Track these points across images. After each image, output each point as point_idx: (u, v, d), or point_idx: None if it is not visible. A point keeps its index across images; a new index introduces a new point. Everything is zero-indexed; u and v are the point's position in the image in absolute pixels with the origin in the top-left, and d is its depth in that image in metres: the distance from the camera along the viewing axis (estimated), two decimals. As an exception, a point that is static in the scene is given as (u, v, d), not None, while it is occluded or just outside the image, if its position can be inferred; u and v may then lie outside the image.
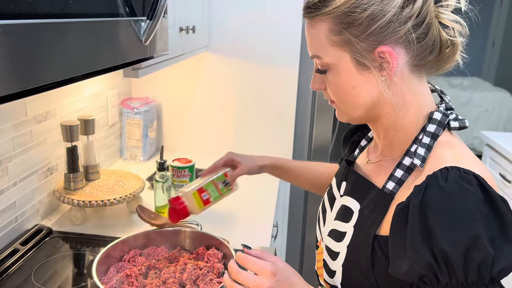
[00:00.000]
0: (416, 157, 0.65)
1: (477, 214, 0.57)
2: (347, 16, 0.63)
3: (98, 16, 0.70)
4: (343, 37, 0.65)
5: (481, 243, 0.56)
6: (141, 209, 1.08)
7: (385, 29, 0.62)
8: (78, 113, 1.43)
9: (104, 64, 0.75)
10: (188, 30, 1.39)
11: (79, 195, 1.26)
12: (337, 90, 0.70)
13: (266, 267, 0.66)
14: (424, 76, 0.68)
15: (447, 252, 0.56)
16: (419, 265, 0.58)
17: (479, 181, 0.58)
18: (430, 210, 0.58)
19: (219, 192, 1.05)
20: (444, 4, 0.64)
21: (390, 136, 0.71)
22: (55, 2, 0.58)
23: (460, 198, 0.57)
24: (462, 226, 0.56)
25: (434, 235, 0.57)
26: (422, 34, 0.63)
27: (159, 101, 1.92)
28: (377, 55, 0.64)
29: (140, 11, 0.86)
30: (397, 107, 0.67)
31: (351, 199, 0.74)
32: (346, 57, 0.66)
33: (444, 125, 0.66)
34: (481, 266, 0.56)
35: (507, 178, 2.18)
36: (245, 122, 1.91)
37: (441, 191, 0.58)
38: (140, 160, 1.81)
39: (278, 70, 1.84)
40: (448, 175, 0.59)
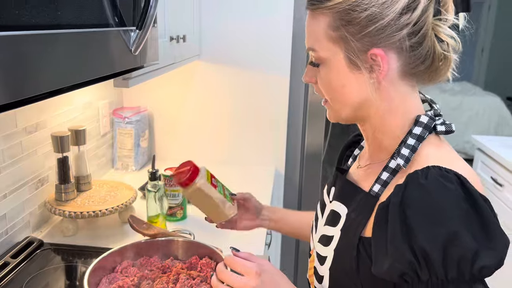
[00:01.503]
0: (400, 157, 0.65)
1: (456, 211, 0.57)
2: (346, 14, 0.64)
3: (87, 26, 0.70)
4: (339, 34, 0.65)
5: (459, 239, 0.56)
6: (133, 219, 1.07)
7: (381, 32, 0.63)
8: (69, 124, 1.42)
9: (94, 75, 0.75)
10: (179, 39, 1.39)
11: (70, 206, 1.24)
12: (328, 86, 0.70)
13: (251, 268, 0.68)
14: (416, 85, 0.69)
15: (426, 249, 0.56)
16: (400, 263, 0.58)
17: (459, 179, 0.59)
18: (410, 207, 0.59)
19: (223, 193, 0.97)
20: (443, 18, 0.65)
21: (378, 139, 0.72)
22: (43, 14, 0.57)
23: (439, 195, 0.58)
24: (440, 223, 0.57)
25: (413, 233, 0.58)
26: (416, 43, 0.64)
27: (150, 110, 1.92)
28: (369, 56, 0.65)
29: (130, 21, 0.86)
30: (384, 110, 0.68)
31: (339, 203, 0.75)
32: (339, 54, 0.67)
33: (430, 128, 0.67)
34: (461, 262, 0.56)
35: (499, 182, 2.19)
36: (237, 130, 1.91)
37: (420, 189, 0.59)
38: (132, 170, 1.80)
39: (269, 78, 1.84)
40: (429, 173, 0.60)
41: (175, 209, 1.37)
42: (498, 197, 2.20)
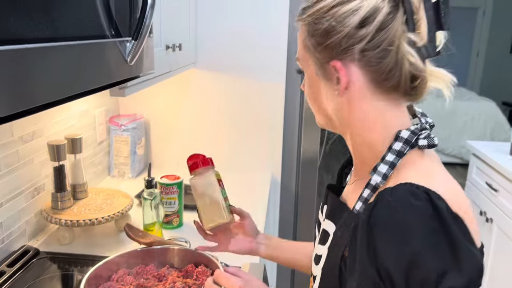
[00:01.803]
0: (377, 174, 0.64)
1: (421, 230, 0.55)
2: (312, 26, 0.66)
3: (83, 38, 0.71)
4: (309, 44, 0.68)
5: (422, 260, 0.54)
6: (129, 227, 1.08)
7: (339, 45, 0.64)
8: (66, 132, 1.42)
9: (90, 86, 0.76)
10: (175, 47, 1.40)
11: (66, 215, 1.25)
12: (308, 93, 0.73)
13: (235, 282, 0.74)
14: (399, 100, 0.67)
15: (390, 270, 0.55)
16: (366, 283, 0.58)
17: (429, 196, 0.56)
18: (376, 226, 0.58)
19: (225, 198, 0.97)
20: (410, 37, 0.62)
21: (359, 153, 0.71)
22: (39, 27, 0.58)
23: (405, 213, 0.56)
24: (404, 243, 0.55)
25: (378, 252, 0.57)
26: (377, 58, 0.63)
27: (147, 117, 1.93)
28: (332, 68, 0.66)
29: (126, 31, 0.87)
30: (359, 124, 0.68)
31: (329, 221, 0.74)
32: (311, 63, 0.69)
33: (411, 143, 0.64)
34: (424, 284, 0.54)
35: (494, 187, 2.21)
36: (234, 137, 1.92)
37: (387, 207, 0.57)
38: (128, 177, 1.80)
39: (265, 85, 1.86)
40: (397, 191, 0.58)
41: (171, 216, 1.37)
42: (493, 203, 2.21)
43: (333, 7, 0.63)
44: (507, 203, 2.08)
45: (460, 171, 4.83)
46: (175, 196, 1.36)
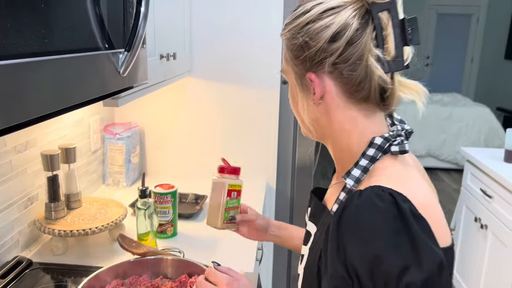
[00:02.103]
0: (350, 178, 0.68)
1: (384, 230, 0.59)
2: (290, 41, 0.71)
3: (75, 51, 0.71)
4: (288, 57, 0.73)
5: (385, 258, 0.57)
6: (122, 238, 1.07)
7: (313, 59, 0.68)
8: (60, 141, 1.42)
9: (83, 98, 0.76)
10: (169, 57, 1.41)
11: (60, 225, 1.24)
12: (291, 102, 0.78)
13: (223, 279, 0.77)
14: (375, 110, 0.71)
15: (356, 266, 0.59)
16: (335, 278, 0.61)
17: (394, 198, 0.60)
18: (344, 226, 0.61)
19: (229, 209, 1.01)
20: (377, 53, 0.66)
21: (339, 158, 0.75)
22: (32, 41, 0.59)
23: (370, 214, 0.60)
24: (369, 242, 0.59)
25: (345, 251, 0.60)
26: (348, 71, 0.67)
27: (142, 126, 1.93)
28: (307, 80, 0.70)
29: (119, 42, 0.87)
30: (337, 131, 0.72)
31: (311, 223, 0.78)
32: (292, 74, 0.74)
33: (384, 149, 0.68)
34: (387, 279, 0.57)
35: (488, 193, 2.22)
36: (229, 144, 1.92)
37: (354, 209, 0.61)
38: (123, 186, 1.80)
39: (260, 92, 1.86)
40: (364, 193, 0.61)
41: (165, 226, 1.37)
42: (488, 209, 2.22)
43: (307, 24, 0.68)
44: (502, 210, 2.09)
45: (455, 177, 4.85)
46: (169, 206, 1.36)
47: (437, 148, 4.88)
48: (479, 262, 2.30)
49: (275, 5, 1.77)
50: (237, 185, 1.01)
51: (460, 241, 2.57)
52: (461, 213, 2.56)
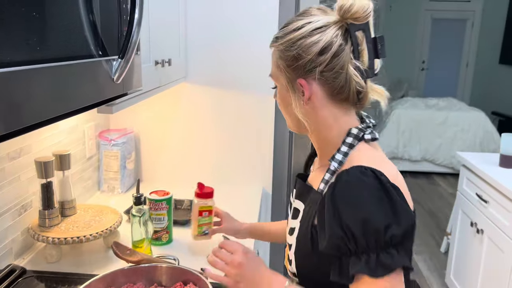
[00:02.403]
0: (334, 161, 0.85)
1: (370, 198, 0.76)
2: (283, 52, 0.86)
3: (68, 59, 0.71)
4: (281, 63, 0.87)
5: (373, 218, 0.74)
6: (116, 245, 1.07)
7: (304, 68, 0.84)
8: (54, 148, 1.41)
9: (77, 105, 0.76)
10: (164, 63, 1.40)
11: (54, 232, 1.23)
12: (280, 104, 0.93)
13: (238, 248, 0.91)
14: (350, 108, 0.88)
15: (350, 226, 0.75)
16: (334, 238, 0.77)
17: (374, 174, 0.77)
18: (337, 198, 0.78)
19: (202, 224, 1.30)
20: (355, 63, 0.83)
21: (322, 147, 0.92)
22: (26, 49, 0.58)
23: (358, 187, 0.77)
24: (359, 207, 0.76)
25: (341, 215, 0.76)
26: (332, 77, 0.83)
27: (137, 131, 1.92)
28: (298, 84, 0.85)
29: (113, 49, 0.87)
30: (322, 126, 0.88)
31: (298, 201, 0.95)
32: (283, 80, 0.89)
33: (360, 137, 0.86)
34: (376, 234, 0.74)
35: (484, 198, 2.22)
36: (225, 150, 1.92)
37: (344, 183, 0.78)
38: (118, 192, 1.79)
39: (255, 98, 1.86)
40: (351, 171, 0.79)
41: (160, 233, 1.36)
42: (484, 214, 2.22)
43: (300, 39, 0.83)
44: (498, 215, 2.09)
45: (451, 181, 4.86)
46: (164, 212, 1.35)
47: (433, 152, 4.90)
48: (475, 267, 2.30)
49: (271, 12, 1.78)
50: (208, 206, 1.28)
51: (456, 246, 2.57)
52: (457, 218, 2.56)
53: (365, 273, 0.75)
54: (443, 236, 3.46)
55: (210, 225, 1.29)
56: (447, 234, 3.27)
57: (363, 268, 0.75)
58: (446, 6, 7.54)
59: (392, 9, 7.66)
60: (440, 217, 3.97)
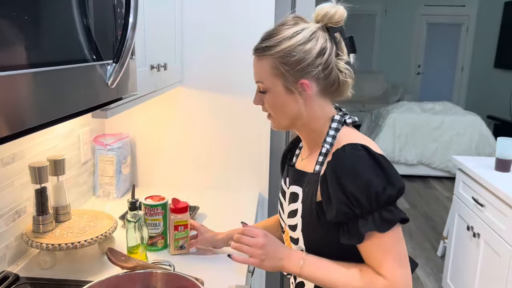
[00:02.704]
0: (326, 143, 1.00)
1: (366, 167, 0.90)
2: (283, 58, 0.96)
3: (62, 63, 0.70)
4: (280, 71, 0.97)
5: (371, 183, 0.89)
6: (111, 251, 1.06)
7: (305, 70, 0.96)
8: (49, 153, 1.40)
9: (71, 110, 0.75)
10: (159, 67, 1.40)
11: (48, 238, 1.22)
12: (273, 106, 1.02)
13: (259, 232, 1.02)
14: (329, 99, 1.03)
15: (354, 193, 0.89)
16: (341, 206, 0.90)
17: (364, 148, 0.93)
18: (338, 171, 0.92)
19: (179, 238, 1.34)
20: (340, 58, 0.99)
21: (311, 137, 1.05)
22: (19, 54, 0.57)
23: (354, 160, 0.92)
24: (358, 176, 0.90)
25: (344, 186, 0.90)
26: (327, 75, 0.98)
27: (133, 136, 1.91)
28: (299, 85, 0.97)
29: (108, 53, 0.86)
30: (312, 118, 1.01)
31: (295, 186, 1.05)
32: (279, 84, 0.98)
33: (342, 122, 1.02)
34: (376, 195, 0.89)
35: (480, 202, 2.22)
36: (221, 155, 1.91)
37: (341, 159, 0.93)
38: (114, 197, 1.78)
39: (251, 102, 1.84)
40: (345, 148, 0.93)
41: (155, 238, 1.35)
42: (480, 218, 2.22)
43: (300, 45, 0.95)
44: (494, 218, 2.09)
45: (447, 185, 4.87)
46: (160, 218, 1.34)
47: (429, 156, 4.90)
48: (472, 271, 2.29)
49: (266, 16, 1.78)
50: (183, 221, 1.32)
51: (452, 250, 2.57)
52: (454, 222, 2.56)
53: (374, 229, 0.89)
54: (439, 240, 3.46)
55: (186, 239, 1.34)
56: (443, 238, 3.27)
57: (372, 226, 0.89)
58: (441, 11, 7.59)
59: (387, 14, 7.70)
60: (436, 220, 3.97)
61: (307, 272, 0.98)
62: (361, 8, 7.53)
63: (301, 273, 0.98)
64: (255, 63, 1.01)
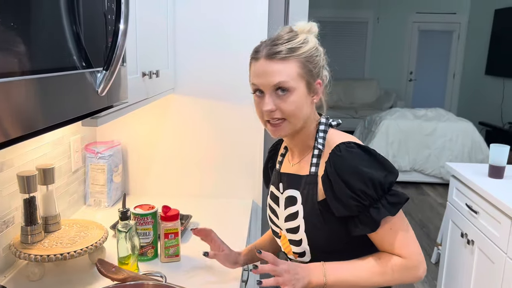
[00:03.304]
0: (319, 145, 1.07)
1: (363, 162, 0.99)
2: (306, 60, 1.03)
3: (51, 71, 0.68)
4: (304, 71, 1.02)
5: (374, 174, 0.97)
6: (101, 263, 1.03)
7: (319, 70, 1.06)
8: (38, 161, 1.38)
9: (60, 119, 0.73)
10: (151, 74, 1.38)
11: (36, 249, 1.19)
12: (294, 108, 1.02)
13: (275, 260, 0.99)
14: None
15: (360, 187, 0.97)
16: (350, 201, 0.98)
17: (357, 145, 1.02)
18: (339, 169, 0.99)
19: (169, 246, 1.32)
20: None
21: (304, 141, 1.10)
22: (7, 61, 0.56)
23: (352, 158, 1.00)
24: (360, 172, 0.98)
25: (350, 184, 0.98)
26: (327, 77, 1.09)
27: (124, 144, 1.89)
28: (316, 85, 1.05)
29: (98, 61, 0.84)
30: (309, 120, 1.07)
31: (291, 190, 1.10)
32: (303, 85, 1.03)
33: (328, 125, 1.10)
34: (380, 184, 0.98)
35: (474, 209, 2.22)
36: (214, 163, 1.89)
37: (339, 157, 1.00)
38: (105, 206, 1.75)
39: (244, 110, 1.84)
40: (340, 148, 1.01)
41: (146, 248, 1.33)
42: (474, 225, 2.22)
43: (316, 48, 1.05)
44: (488, 225, 2.09)
45: (440, 191, 4.88)
46: (150, 227, 1.32)
47: (422, 163, 4.91)
48: (466, 278, 2.29)
49: (260, 23, 1.77)
50: (173, 228, 1.30)
51: (447, 257, 2.56)
52: (448, 228, 2.56)
53: (387, 214, 0.98)
54: (433, 247, 3.46)
55: (177, 247, 1.32)
56: (437, 245, 3.27)
57: (385, 212, 0.98)
58: (433, 18, 7.66)
59: (379, 21, 7.75)
60: (430, 227, 3.97)
61: (333, 278, 1.01)
62: (353, 16, 7.58)
63: (327, 280, 1.00)
64: (276, 66, 1.01)
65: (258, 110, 1.07)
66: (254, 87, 1.05)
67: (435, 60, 7.87)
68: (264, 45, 1.04)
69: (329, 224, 1.03)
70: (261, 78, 1.02)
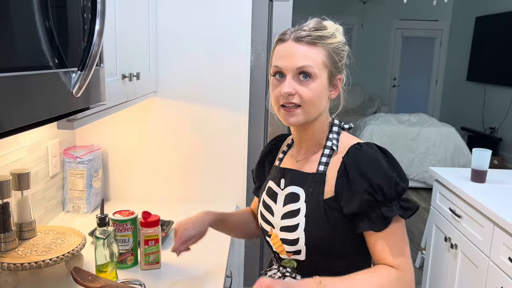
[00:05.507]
0: (333, 145, 1.06)
1: (383, 162, 1.00)
2: (333, 51, 1.03)
3: (21, 69, 0.65)
4: (330, 61, 1.02)
5: (391, 174, 0.98)
6: (76, 271, 0.99)
7: (342, 67, 1.06)
8: (14, 166, 1.33)
9: (31, 120, 0.70)
10: (132, 77, 1.35)
11: (10, 258, 1.14)
12: (313, 95, 1.01)
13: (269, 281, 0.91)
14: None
15: (379, 183, 0.97)
16: (364, 195, 0.97)
17: (377, 146, 1.04)
18: (360, 164, 1.00)
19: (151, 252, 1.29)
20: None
21: (314, 137, 1.09)
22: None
23: (373, 153, 1.01)
24: (380, 168, 0.99)
25: (368, 177, 0.97)
26: (347, 73, 1.09)
27: (104, 148, 1.84)
28: (337, 79, 1.06)
29: (75, 62, 0.81)
30: (323, 116, 1.07)
31: (294, 186, 1.08)
32: (325, 75, 1.02)
33: (341, 127, 1.11)
34: (395, 186, 0.98)
35: (457, 213, 2.23)
36: (196, 167, 1.86)
37: (360, 151, 1.02)
38: (84, 213, 1.70)
39: (228, 113, 1.82)
40: (361, 144, 1.04)
41: (125, 255, 1.29)
42: (458, 229, 2.22)
43: (344, 44, 1.06)
44: (471, 230, 2.10)
45: (424, 195, 4.91)
46: (129, 233, 1.28)
47: (406, 167, 4.95)
48: (450, 282, 2.29)
49: (243, 27, 1.75)
50: (154, 235, 1.27)
51: (430, 261, 2.56)
52: (431, 233, 2.57)
53: (399, 213, 0.97)
54: (417, 251, 3.47)
55: (157, 254, 1.29)
56: (421, 249, 3.28)
57: (399, 211, 0.97)
58: (416, 25, 7.76)
59: (364, 27, 7.83)
60: (414, 231, 3.99)
61: None
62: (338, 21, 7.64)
63: None
64: (303, 49, 1.00)
65: (274, 93, 1.03)
66: (276, 69, 1.02)
67: (418, 66, 7.97)
68: (293, 29, 1.03)
69: (331, 224, 1.01)
70: (285, 60, 1.00)
